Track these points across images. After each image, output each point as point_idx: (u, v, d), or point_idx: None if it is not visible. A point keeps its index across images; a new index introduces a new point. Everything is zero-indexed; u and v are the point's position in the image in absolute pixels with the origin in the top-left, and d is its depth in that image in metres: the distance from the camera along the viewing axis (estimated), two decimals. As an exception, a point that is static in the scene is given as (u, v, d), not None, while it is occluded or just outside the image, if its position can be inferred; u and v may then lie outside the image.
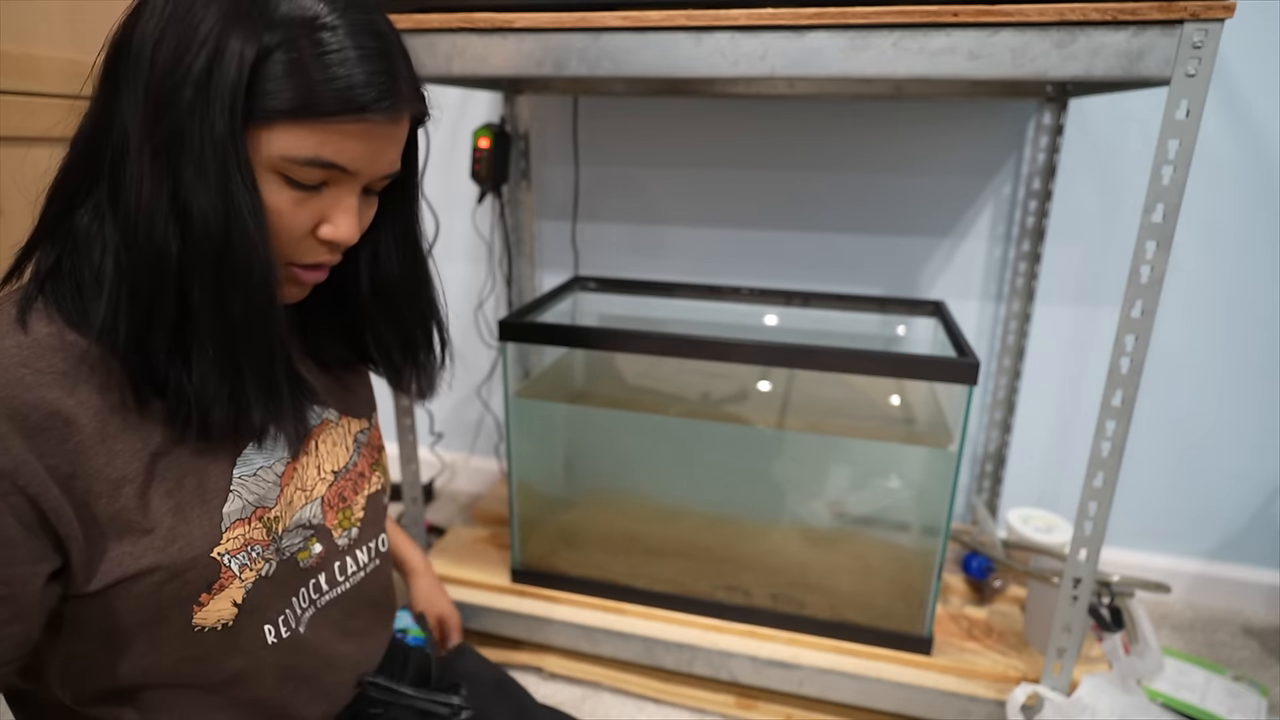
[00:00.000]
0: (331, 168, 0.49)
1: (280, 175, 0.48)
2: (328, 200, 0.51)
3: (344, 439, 0.66)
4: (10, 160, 1.09)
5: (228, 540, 0.53)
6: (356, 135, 0.48)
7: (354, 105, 0.47)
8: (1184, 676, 1.11)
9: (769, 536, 1.17)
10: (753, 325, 1.36)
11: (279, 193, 0.48)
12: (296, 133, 0.46)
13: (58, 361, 0.46)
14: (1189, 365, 1.29)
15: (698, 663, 1.08)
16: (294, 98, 0.45)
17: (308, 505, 0.60)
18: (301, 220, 0.50)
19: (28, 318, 0.46)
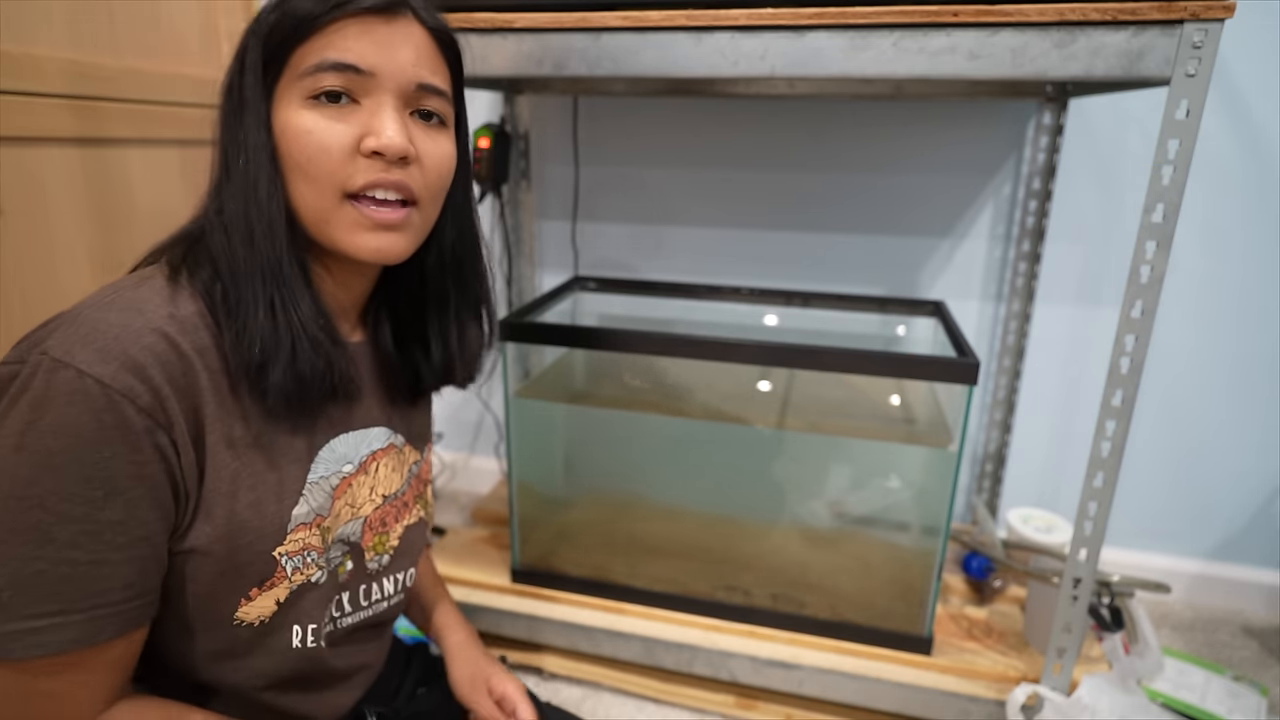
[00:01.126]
0: (342, 68, 0.50)
1: (306, 100, 0.51)
2: (365, 115, 0.52)
3: (401, 467, 0.66)
4: (10, 160, 1.09)
5: (290, 541, 0.55)
6: (355, 34, 0.51)
7: (336, 4, 0.50)
8: (1184, 676, 1.11)
9: (769, 536, 1.17)
10: (753, 325, 1.36)
11: (309, 115, 0.51)
12: (301, 52, 0.51)
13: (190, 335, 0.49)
14: (1189, 365, 1.29)
15: (698, 663, 1.08)
16: (289, 27, 0.51)
17: (352, 522, 0.61)
18: (339, 134, 0.51)
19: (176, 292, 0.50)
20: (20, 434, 0.44)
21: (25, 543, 0.44)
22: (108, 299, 0.48)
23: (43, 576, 0.44)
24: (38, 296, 1.15)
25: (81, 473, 0.44)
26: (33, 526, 0.44)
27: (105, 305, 0.47)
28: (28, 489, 0.43)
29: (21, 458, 0.43)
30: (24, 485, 0.43)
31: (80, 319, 0.46)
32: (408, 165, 0.53)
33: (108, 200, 1.24)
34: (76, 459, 0.44)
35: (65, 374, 0.44)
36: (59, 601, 0.45)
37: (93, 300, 0.48)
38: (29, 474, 0.43)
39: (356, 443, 0.61)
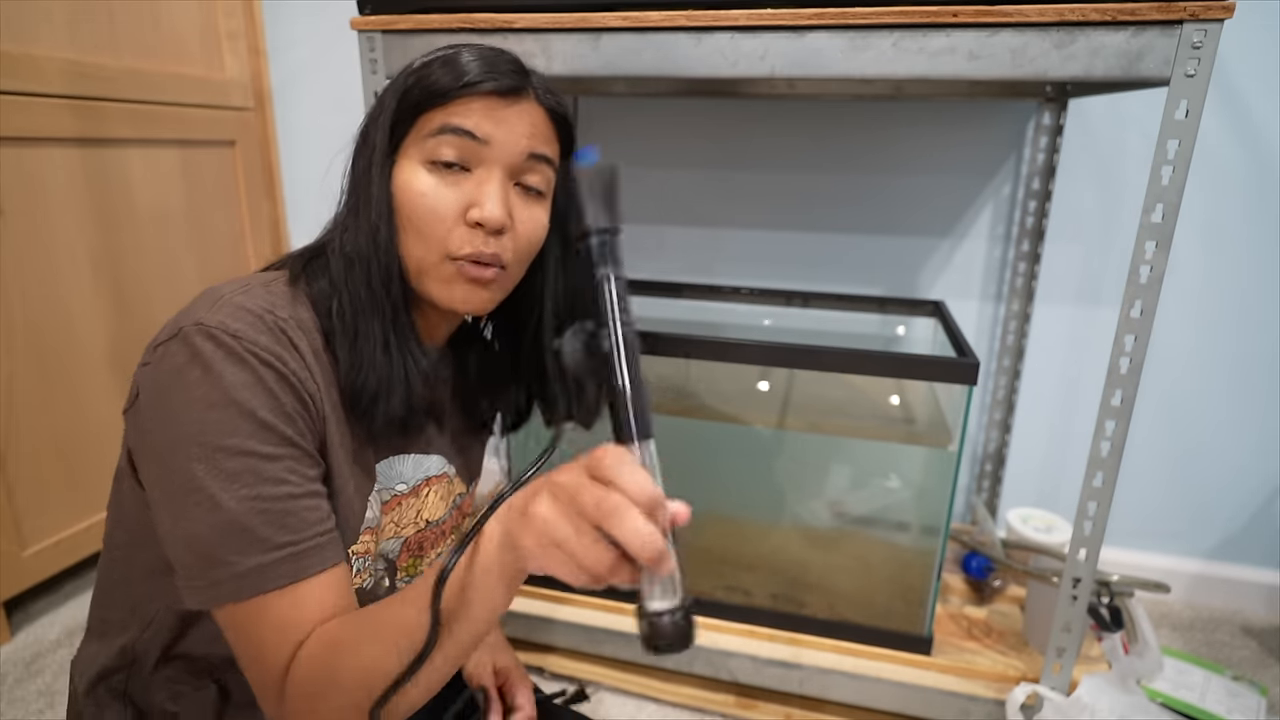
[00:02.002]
0: (461, 133, 0.56)
1: (425, 162, 0.56)
2: (473, 184, 0.57)
3: (448, 496, 0.70)
4: (10, 160, 1.09)
5: (361, 542, 0.59)
6: (478, 108, 0.56)
7: (466, 82, 0.56)
8: (1183, 676, 1.11)
9: (769, 536, 1.17)
10: (753, 325, 1.36)
11: (425, 177, 0.56)
12: (429, 116, 0.56)
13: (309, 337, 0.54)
14: (1188, 365, 1.29)
15: (698, 663, 1.08)
16: (421, 95, 0.56)
17: (394, 539, 0.64)
18: (448, 201, 0.56)
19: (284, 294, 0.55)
20: (206, 392, 0.48)
21: (244, 484, 0.48)
22: (245, 287, 0.53)
23: (268, 513, 0.49)
24: (38, 296, 1.15)
25: (271, 415, 0.49)
26: (246, 470, 0.48)
27: (244, 291, 0.53)
28: (230, 438, 0.48)
29: (214, 413, 0.48)
30: (227, 435, 0.48)
31: (223, 299, 0.52)
32: (502, 235, 0.58)
33: (108, 200, 1.24)
34: (263, 405, 0.49)
35: (223, 337, 0.49)
36: (288, 533, 0.49)
37: (230, 286, 0.53)
38: (228, 425, 0.48)
39: (415, 466, 0.64)
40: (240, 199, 1.52)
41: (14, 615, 1.22)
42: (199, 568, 0.49)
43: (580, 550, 0.38)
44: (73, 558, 1.26)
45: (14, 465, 1.13)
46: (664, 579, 0.38)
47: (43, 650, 1.16)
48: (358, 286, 0.56)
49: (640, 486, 0.37)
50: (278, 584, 0.49)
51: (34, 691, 1.07)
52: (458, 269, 0.57)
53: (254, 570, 0.48)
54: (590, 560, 0.38)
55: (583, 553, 0.38)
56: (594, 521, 0.37)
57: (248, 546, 0.48)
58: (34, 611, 1.25)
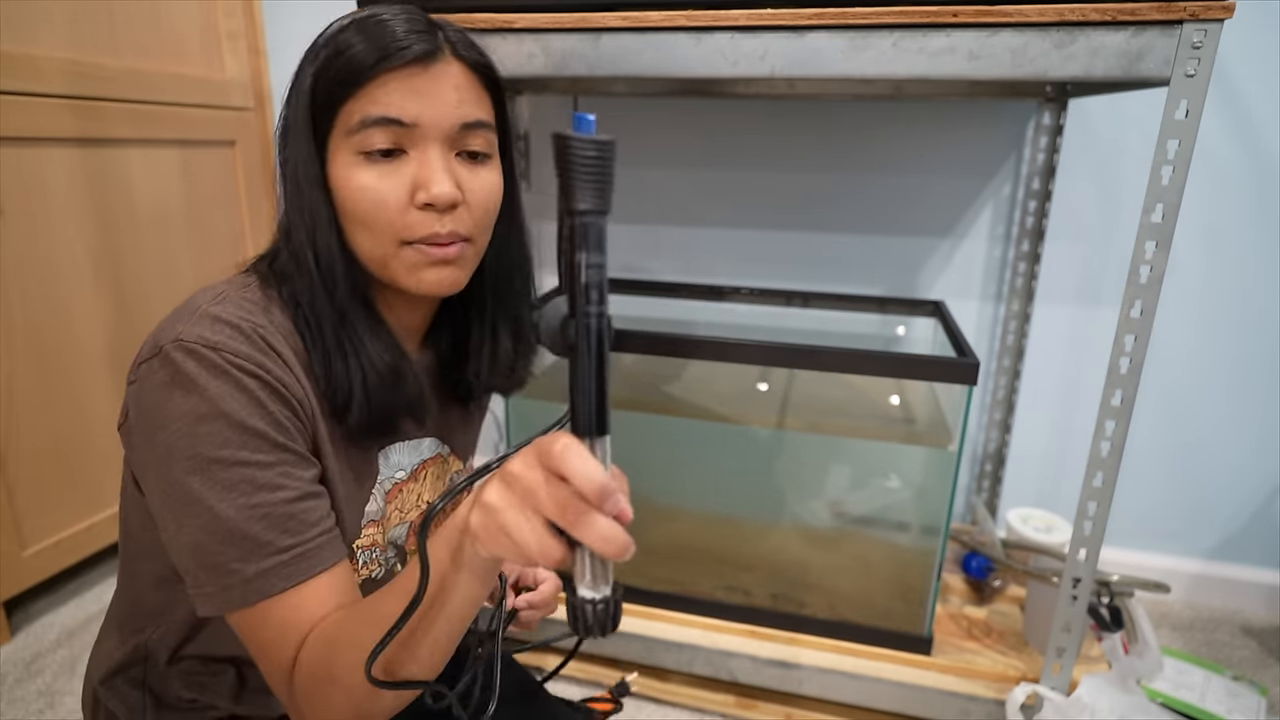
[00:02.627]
0: (386, 123, 0.52)
1: (358, 156, 0.54)
2: (414, 165, 0.54)
3: (444, 475, 0.70)
4: (10, 160, 1.09)
5: (364, 535, 0.59)
6: (396, 88, 0.53)
7: (376, 61, 0.52)
8: (1183, 676, 1.11)
9: (769, 536, 1.17)
10: (753, 325, 1.36)
11: (362, 171, 0.54)
12: (348, 109, 0.53)
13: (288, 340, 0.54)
14: (1188, 365, 1.29)
15: (698, 663, 1.08)
16: (332, 87, 0.53)
17: (400, 525, 0.65)
18: (393, 189, 0.54)
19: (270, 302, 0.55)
20: (194, 406, 0.48)
21: (241, 494, 0.48)
22: (219, 296, 0.53)
23: (268, 519, 0.49)
24: (38, 296, 1.15)
25: (260, 423, 0.49)
26: (242, 479, 0.49)
27: (219, 301, 0.52)
28: (223, 449, 0.48)
29: (204, 426, 0.48)
30: (219, 446, 0.48)
31: (199, 311, 0.51)
32: (456, 209, 0.55)
33: (108, 200, 1.24)
34: (251, 413, 0.49)
35: (204, 351, 0.49)
36: (290, 536, 0.50)
37: (205, 296, 0.53)
38: (219, 437, 0.48)
39: (410, 451, 0.64)
40: (240, 199, 1.52)
41: (14, 615, 1.22)
42: (206, 576, 0.49)
43: (529, 541, 0.37)
44: (73, 558, 1.26)
45: (14, 465, 1.13)
46: (598, 568, 0.38)
47: (43, 650, 1.16)
48: (311, 292, 0.55)
49: (590, 478, 0.35)
50: (283, 586, 0.49)
51: (34, 691, 1.07)
52: (418, 253, 0.55)
53: (259, 575, 0.49)
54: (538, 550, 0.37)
55: (533, 543, 0.37)
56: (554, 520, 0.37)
57: (251, 553, 0.49)
58: (34, 611, 1.25)
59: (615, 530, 0.36)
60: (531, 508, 0.37)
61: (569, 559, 0.38)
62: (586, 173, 0.36)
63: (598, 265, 0.38)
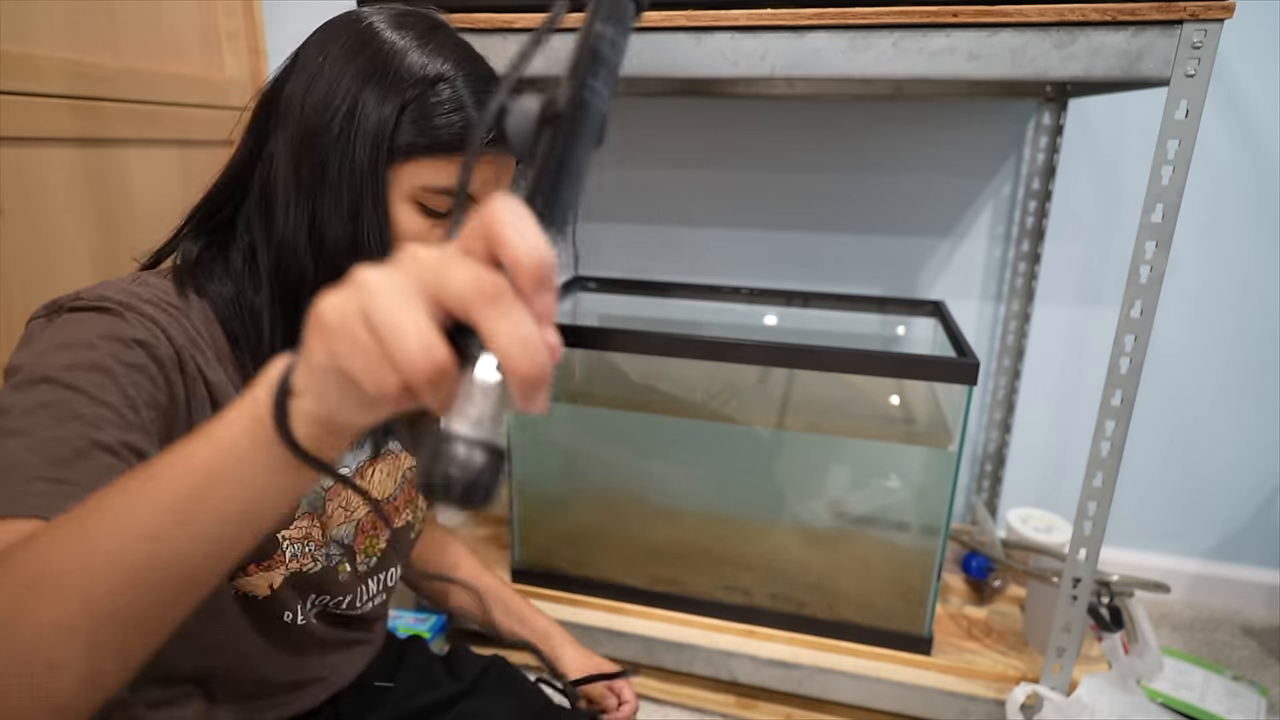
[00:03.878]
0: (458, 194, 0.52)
1: (417, 205, 0.54)
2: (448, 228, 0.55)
3: (395, 472, 0.68)
4: (10, 160, 1.09)
5: (294, 527, 0.58)
6: (484, 168, 0.55)
7: (487, 141, 0.53)
8: (1183, 676, 1.11)
9: (769, 536, 1.17)
10: (753, 325, 1.36)
11: (416, 220, 0.54)
12: (435, 166, 0.53)
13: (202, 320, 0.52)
14: (1188, 365, 1.29)
15: (698, 663, 1.08)
16: (434, 138, 0.53)
17: (345, 524, 0.63)
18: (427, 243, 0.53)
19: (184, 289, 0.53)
20: (61, 338, 0.45)
21: (51, 415, 0.41)
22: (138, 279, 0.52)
23: (57, 443, 0.40)
24: (38, 296, 1.15)
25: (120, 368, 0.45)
26: (58, 401, 0.42)
27: (138, 282, 0.51)
28: (63, 373, 0.43)
29: (60, 353, 0.44)
30: (61, 370, 0.44)
31: (110, 284, 0.50)
32: None
33: (108, 200, 1.24)
34: (120, 359, 0.45)
35: (98, 301, 0.47)
36: (65, 469, 0.40)
37: (116, 280, 0.52)
38: (68, 360, 0.44)
39: (356, 448, 0.63)
40: (240, 199, 1.52)
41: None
42: None
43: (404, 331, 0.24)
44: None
45: (14, 465, 1.13)
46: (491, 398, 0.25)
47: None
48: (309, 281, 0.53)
49: (533, 245, 0.25)
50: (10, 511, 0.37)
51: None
52: None
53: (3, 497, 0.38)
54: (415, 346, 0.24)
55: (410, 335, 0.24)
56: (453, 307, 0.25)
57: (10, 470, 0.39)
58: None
59: (537, 334, 0.24)
60: (424, 292, 0.25)
61: (451, 376, 0.25)
62: None
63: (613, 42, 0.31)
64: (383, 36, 0.54)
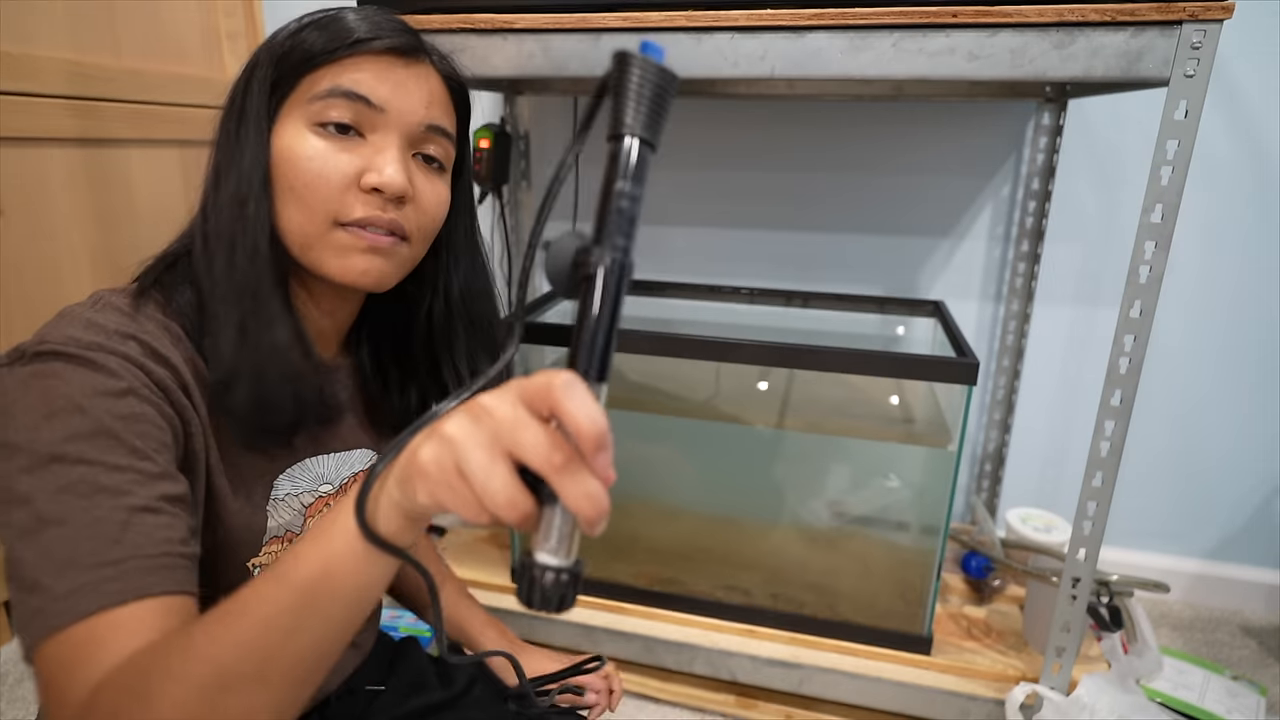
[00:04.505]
0: (354, 98, 0.51)
1: (311, 125, 0.52)
2: (369, 151, 0.52)
3: None
4: (10, 160, 1.09)
5: (264, 554, 0.56)
6: (372, 69, 0.52)
7: (358, 38, 0.52)
8: (1183, 676, 1.11)
9: (769, 536, 1.17)
10: (753, 325, 1.36)
11: (312, 139, 0.52)
12: (315, 77, 0.52)
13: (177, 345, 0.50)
14: (1188, 365, 1.29)
15: (698, 662, 1.08)
16: (308, 52, 0.52)
17: None
18: (339, 165, 0.51)
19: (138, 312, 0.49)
20: (48, 402, 0.43)
21: (76, 495, 0.41)
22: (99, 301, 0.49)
23: (99, 524, 0.41)
24: (38, 296, 1.15)
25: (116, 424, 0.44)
26: (81, 480, 0.42)
27: (97, 308, 0.49)
28: (67, 445, 0.42)
29: (54, 421, 0.43)
30: (64, 443, 0.42)
31: (74, 316, 0.47)
32: (403, 205, 0.54)
33: (108, 200, 1.24)
34: (110, 411, 0.43)
35: (71, 349, 0.45)
36: (123, 548, 0.41)
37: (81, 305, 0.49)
38: (67, 431, 0.42)
39: (338, 464, 0.61)
40: (240, 199, 1.52)
41: (14, 615, 1.22)
42: (18, 597, 0.40)
43: (494, 487, 0.30)
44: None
45: (14, 465, 1.13)
46: (567, 532, 0.32)
47: (43, 650, 1.16)
48: (215, 268, 0.51)
49: (594, 419, 0.29)
50: (99, 605, 0.39)
51: (34, 691, 1.07)
52: (353, 236, 0.52)
53: (72, 593, 0.39)
54: (504, 500, 0.30)
55: (498, 490, 0.30)
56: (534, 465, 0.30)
57: (69, 565, 0.40)
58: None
59: (601, 490, 0.30)
60: (504, 449, 0.31)
61: (535, 518, 0.31)
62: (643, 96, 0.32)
63: (634, 197, 0.34)
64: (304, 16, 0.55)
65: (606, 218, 0.34)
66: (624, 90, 0.33)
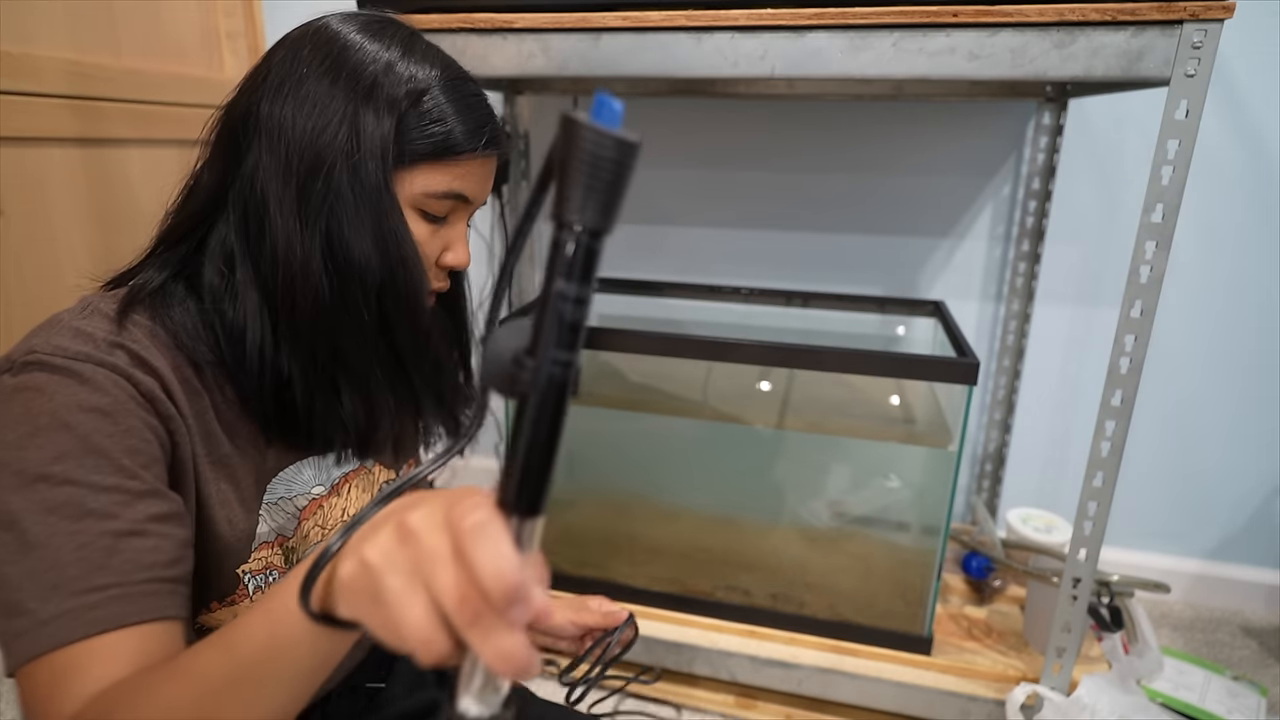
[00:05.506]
0: (460, 199, 0.56)
1: (418, 211, 0.55)
2: (448, 231, 0.58)
3: (371, 487, 0.67)
4: (10, 160, 1.09)
5: (253, 560, 0.56)
6: (477, 169, 0.56)
7: (478, 144, 0.55)
8: (1183, 676, 1.11)
9: (769, 536, 1.17)
10: (753, 325, 1.36)
11: (418, 226, 0.56)
12: (434, 172, 0.54)
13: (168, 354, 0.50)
14: (1188, 365, 1.29)
15: (698, 663, 1.08)
16: (431, 144, 0.53)
17: (319, 543, 0.61)
18: (434, 250, 0.57)
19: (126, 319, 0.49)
20: (33, 418, 0.43)
21: (63, 517, 0.42)
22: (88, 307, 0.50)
23: (86, 549, 0.41)
24: (39, 296, 1.15)
25: (105, 441, 0.44)
26: (68, 501, 0.42)
27: (85, 315, 0.49)
28: (54, 465, 0.42)
29: (40, 438, 0.42)
30: (51, 462, 0.42)
31: (61, 324, 0.48)
32: None
33: (108, 200, 1.24)
34: (98, 429, 0.43)
35: (57, 360, 0.44)
36: (109, 574, 0.42)
37: (69, 312, 0.49)
38: (54, 451, 0.42)
39: (330, 465, 0.62)
40: (240, 199, 1.52)
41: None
42: (3, 617, 0.41)
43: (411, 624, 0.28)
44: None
45: (14, 465, 1.13)
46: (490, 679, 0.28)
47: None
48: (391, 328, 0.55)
49: (499, 575, 0.26)
50: (82, 634, 0.40)
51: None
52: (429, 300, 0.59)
53: (57, 618, 0.40)
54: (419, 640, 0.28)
55: (414, 629, 0.28)
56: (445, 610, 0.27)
57: (54, 589, 0.40)
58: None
59: (517, 646, 0.27)
60: (424, 582, 0.28)
61: (455, 658, 0.28)
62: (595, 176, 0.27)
63: (580, 300, 0.29)
64: (366, 50, 0.53)
65: (544, 325, 0.28)
66: (571, 169, 0.28)
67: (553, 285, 0.28)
